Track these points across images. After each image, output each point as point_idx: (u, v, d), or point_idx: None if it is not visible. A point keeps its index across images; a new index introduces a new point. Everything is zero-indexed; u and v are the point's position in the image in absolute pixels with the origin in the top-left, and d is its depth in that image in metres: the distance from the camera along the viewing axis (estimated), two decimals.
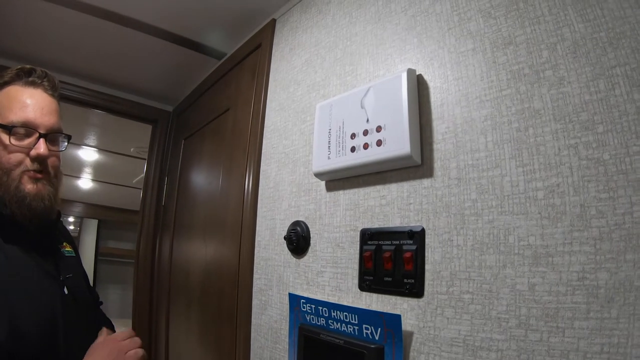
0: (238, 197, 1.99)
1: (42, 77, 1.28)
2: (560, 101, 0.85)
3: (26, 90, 1.23)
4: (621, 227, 0.73)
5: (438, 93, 1.12)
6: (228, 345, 1.88)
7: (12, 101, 1.20)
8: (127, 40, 2.46)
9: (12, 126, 1.16)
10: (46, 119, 1.23)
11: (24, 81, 1.24)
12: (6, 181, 1.16)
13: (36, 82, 1.26)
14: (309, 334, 1.27)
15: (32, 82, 1.25)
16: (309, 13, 1.79)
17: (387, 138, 1.13)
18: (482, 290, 0.91)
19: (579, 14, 0.86)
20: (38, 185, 1.20)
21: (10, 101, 1.20)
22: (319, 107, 1.41)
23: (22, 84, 1.24)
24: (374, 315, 1.07)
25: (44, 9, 2.13)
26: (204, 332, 2.20)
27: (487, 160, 0.96)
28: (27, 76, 1.25)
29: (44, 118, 1.22)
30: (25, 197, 1.17)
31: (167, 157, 3.33)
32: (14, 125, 1.17)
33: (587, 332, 0.74)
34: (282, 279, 1.56)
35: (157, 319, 2.96)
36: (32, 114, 1.20)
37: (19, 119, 1.18)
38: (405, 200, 1.14)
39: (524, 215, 0.87)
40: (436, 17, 1.18)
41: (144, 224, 3.26)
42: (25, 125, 1.18)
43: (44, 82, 1.28)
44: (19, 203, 1.16)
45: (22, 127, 1.18)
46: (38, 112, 1.22)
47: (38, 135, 1.20)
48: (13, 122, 1.17)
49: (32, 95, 1.23)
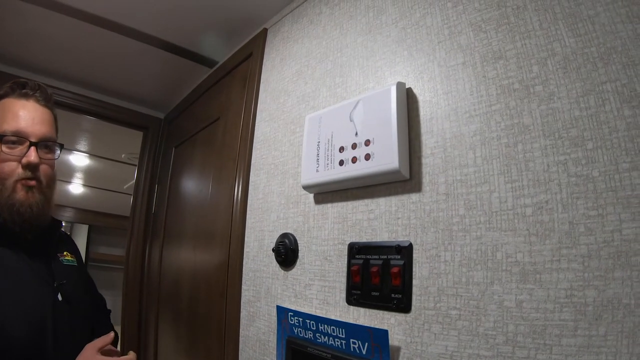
0: (227, 207, 1.98)
1: (34, 89, 1.33)
2: (550, 117, 0.85)
3: (19, 102, 1.29)
4: (610, 244, 0.72)
5: (427, 107, 1.11)
6: (216, 356, 1.86)
7: (6, 112, 1.26)
8: (119, 46, 2.46)
9: (3, 135, 1.21)
10: (37, 127, 1.28)
11: (18, 93, 1.30)
12: (0, 190, 1.21)
13: (29, 94, 1.31)
14: (297, 347, 1.26)
15: (24, 94, 1.31)
16: (301, 23, 1.79)
17: (375, 152, 1.13)
18: (469, 307, 0.90)
19: (569, 29, 0.86)
20: (29, 194, 1.25)
21: (4, 113, 1.26)
22: (308, 118, 1.41)
23: (16, 96, 1.30)
24: (362, 330, 1.06)
25: (37, 13, 2.13)
26: (192, 342, 2.18)
27: (476, 176, 0.95)
28: (21, 89, 1.31)
29: (34, 127, 1.27)
30: (15, 204, 1.21)
31: (157, 164, 3.32)
32: (6, 134, 1.21)
33: (574, 349, 0.73)
34: (270, 291, 1.55)
35: (147, 328, 2.94)
36: (23, 123, 1.25)
37: (11, 129, 1.23)
38: (393, 214, 1.13)
39: (512, 232, 0.86)
40: (427, 30, 1.18)
41: (134, 231, 3.24)
42: (16, 135, 1.23)
43: (36, 93, 1.33)
44: (10, 210, 1.21)
45: (12, 135, 1.22)
46: (29, 121, 1.27)
47: (29, 143, 1.24)
48: (5, 132, 1.21)
49: (24, 107, 1.29)
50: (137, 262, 3.16)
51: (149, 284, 3.02)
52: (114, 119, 3.26)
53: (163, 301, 2.71)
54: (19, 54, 2.62)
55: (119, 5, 2.08)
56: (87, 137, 4.65)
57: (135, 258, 3.17)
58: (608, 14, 0.81)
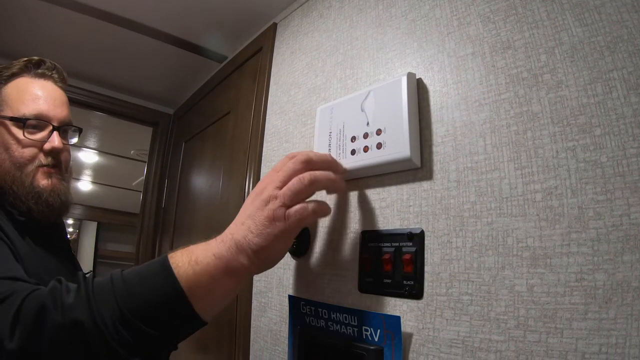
0: (238, 199, 1.99)
1: (51, 69, 1.27)
2: (558, 104, 0.86)
3: (37, 82, 1.22)
4: (619, 228, 0.73)
5: (438, 96, 1.13)
6: (227, 347, 1.88)
7: (23, 93, 1.18)
8: (128, 42, 2.47)
9: (26, 119, 1.15)
10: (59, 110, 1.22)
11: (34, 73, 1.23)
12: (19, 176, 1.14)
13: (46, 74, 1.25)
14: (309, 335, 1.27)
15: (42, 74, 1.24)
16: (310, 17, 1.80)
17: (387, 141, 1.14)
18: (481, 292, 0.91)
19: (576, 19, 0.87)
20: (52, 181, 1.19)
21: (21, 93, 1.18)
22: (319, 110, 1.42)
23: (32, 75, 1.23)
24: (374, 317, 1.08)
25: (45, 10, 2.14)
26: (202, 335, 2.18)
27: (486, 163, 0.96)
28: (36, 68, 1.24)
29: (56, 110, 1.22)
30: (42, 193, 1.16)
31: (167, 159, 3.34)
32: (27, 118, 1.15)
33: (585, 332, 0.74)
34: (281, 281, 1.57)
35: None
36: (44, 106, 1.19)
37: (32, 112, 1.17)
38: (404, 202, 1.14)
39: (522, 217, 0.87)
40: (436, 21, 1.19)
41: (144, 226, 3.26)
42: (39, 118, 1.17)
43: (53, 74, 1.27)
44: (36, 199, 1.15)
45: (35, 119, 1.16)
46: (51, 104, 1.21)
47: (52, 128, 1.19)
48: (25, 115, 1.15)
49: (44, 87, 1.22)
50: (147, 257, 3.17)
51: None
52: (124, 114, 3.28)
53: None
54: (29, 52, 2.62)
55: (128, 1, 2.09)
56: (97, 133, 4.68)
57: (145, 253, 3.19)
58: (614, 3, 0.82)
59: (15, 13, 2.19)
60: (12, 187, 1.13)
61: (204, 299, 0.86)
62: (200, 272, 0.84)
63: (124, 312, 0.77)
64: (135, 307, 0.79)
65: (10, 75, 1.20)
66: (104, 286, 0.82)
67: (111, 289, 0.81)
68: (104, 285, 0.82)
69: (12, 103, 1.17)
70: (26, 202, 1.13)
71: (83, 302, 0.78)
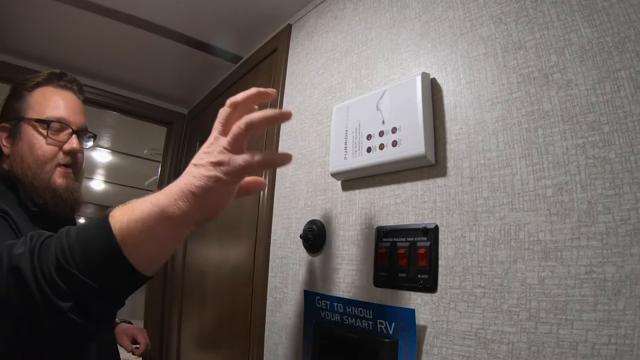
0: (254, 197, 2.01)
1: (72, 82, 1.41)
2: (568, 103, 0.89)
3: (59, 92, 1.36)
4: (627, 222, 0.75)
5: (451, 96, 1.15)
6: (241, 342, 1.90)
7: (48, 100, 1.32)
8: (143, 42, 2.50)
9: (50, 121, 1.27)
10: (77, 117, 1.36)
11: (57, 84, 1.36)
12: (39, 173, 1.26)
13: (67, 86, 1.39)
14: (324, 329, 1.29)
15: (63, 86, 1.38)
16: (325, 19, 1.83)
17: (402, 139, 1.17)
18: (493, 285, 0.94)
19: (585, 20, 0.89)
20: (67, 180, 1.31)
21: (46, 100, 1.32)
22: (335, 109, 1.45)
23: (55, 86, 1.36)
24: (389, 310, 1.10)
25: (59, 10, 2.18)
26: (216, 330, 2.22)
27: (499, 160, 0.99)
28: (59, 79, 1.37)
29: (75, 117, 1.35)
30: (57, 190, 1.27)
31: (181, 159, 3.35)
32: (51, 120, 1.28)
33: (595, 324, 0.76)
34: (297, 276, 1.59)
35: (169, 319, 2.99)
36: (65, 112, 1.32)
37: (55, 116, 1.29)
38: (419, 198, 1.17)
39: (533, 212, 0.90)
40: (449, 23, 1.21)
41: None
42: (61, 121, 1.30)
43: (73, 86, 1.41)
44: (52, 194, 1.26)
45: (57, 122, 1.29)
46: (71, 111, 1.34)
47: (71, 131, 1.32)
48: (50, 118, 1.28)
49: (65, 97, 1.36)
50: None
51: (173, 276, 3.06)
52: (139, 114, 3.32)
53: (187, 293, 2.75)
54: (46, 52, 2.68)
55: (143, 2, 2.12)
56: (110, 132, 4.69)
57: None
58: (622, 5, 0.84)
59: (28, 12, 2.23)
60: (32, 182, 1.24)
61: (138, 249, 0.84)
62: (134, 220, 0.82)
63: (61, 261, 0.79)
64: (72, 257, 0.80)
65: (36, 84, 1.34)
66: (51, 239, 0.85)
67: (54, 241, 0.84)
68: (51, 239, 0.86)
69: (37, 107, 1.30)
70: (43, 196, 1.25)
71: (27, 252, 0.82)
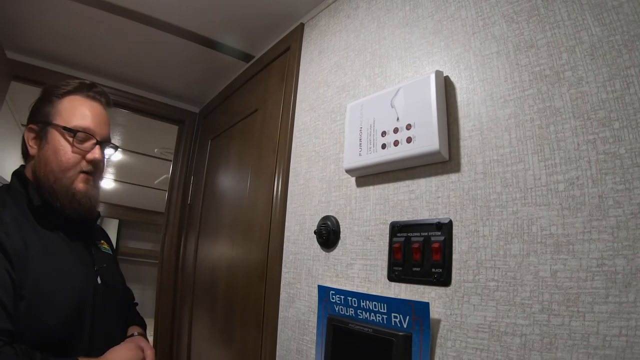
0: (267, 194, 2.03)
1: (100, 94, 1.46)
2: (579, 100, 0.90)
3: (88, 102, 1.41)
4: (637, 216, 0.77)
5: (464, 93, 1.17)
6: (253, 338, 1.92)
7: (76, 109, 1.37)
8: (155, 41, 2.53)
9: (77, 130, 1.32)
10: (102, 128, 1.41)
11: (86, 94, 1.42)
12: (61, 178, 1.30)
13: (96, 97, 1.44)
14: (338, 324, 1.30)
15: (92, 97, 1.43)
16: (337, 18, 1.84)
17: (416, 135, 1.19)
18: (506, 278, 0.95)
19: (596, 19, 0.91)
20: (87, 186, 1.36)
21: (74, 108, 1.37)
22: (349, 106, 1.46)
23: (84, 96, 1.41)
24: (403, 304, 1.11)
25: (72, 9, 2.21)
26: (229, 327, 2.24)
27: (511, 156, 1.00)
28: (88, 90, 1.43)
29: (101, 128, 1.40)
30: (76, 194, 1.32)
31: (193, 157, 3.38)
32: (78, 130, 1.32)
33: (606, 315, 0.77)
34: (311, 272, 1.61)
35: (180, 317, 3.01)
36: (91, 123, 1.37)
37: (81, 125, 1.34)
38: (433, 194, 1.19)
39: (546, 206, 0.91)
40: (462, 22, 1.23)
41: (169, 223, 3.32)
42: (86, 131, 1.34)
43: (101, 98, 1.46)
44: (70, 198, 1.31)
45: (83, 132, 1.33)
46: (96, 122, 1.39)
47: (95, 141, 1.37)
48: (76, 127, 1.32)
49: (93, 108, 1.41)
50: (172, 254, 3.24)
51: (184, 274, 3.09)
52: (150, 113, 3.35)
53: (198, 290, 2.77)
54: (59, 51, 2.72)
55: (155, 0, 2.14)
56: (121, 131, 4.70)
57: (170, 250, 3.26)
58: (631, 3, 0.85)
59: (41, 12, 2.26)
60: (52, 185, 1.29)
61: None
62: None
63: None
64: None
65: (66, 92, 1.39)
66: None
67: None
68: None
69: (65, 115, 1.35)
70: (61, 199, 1.30)
71: None
